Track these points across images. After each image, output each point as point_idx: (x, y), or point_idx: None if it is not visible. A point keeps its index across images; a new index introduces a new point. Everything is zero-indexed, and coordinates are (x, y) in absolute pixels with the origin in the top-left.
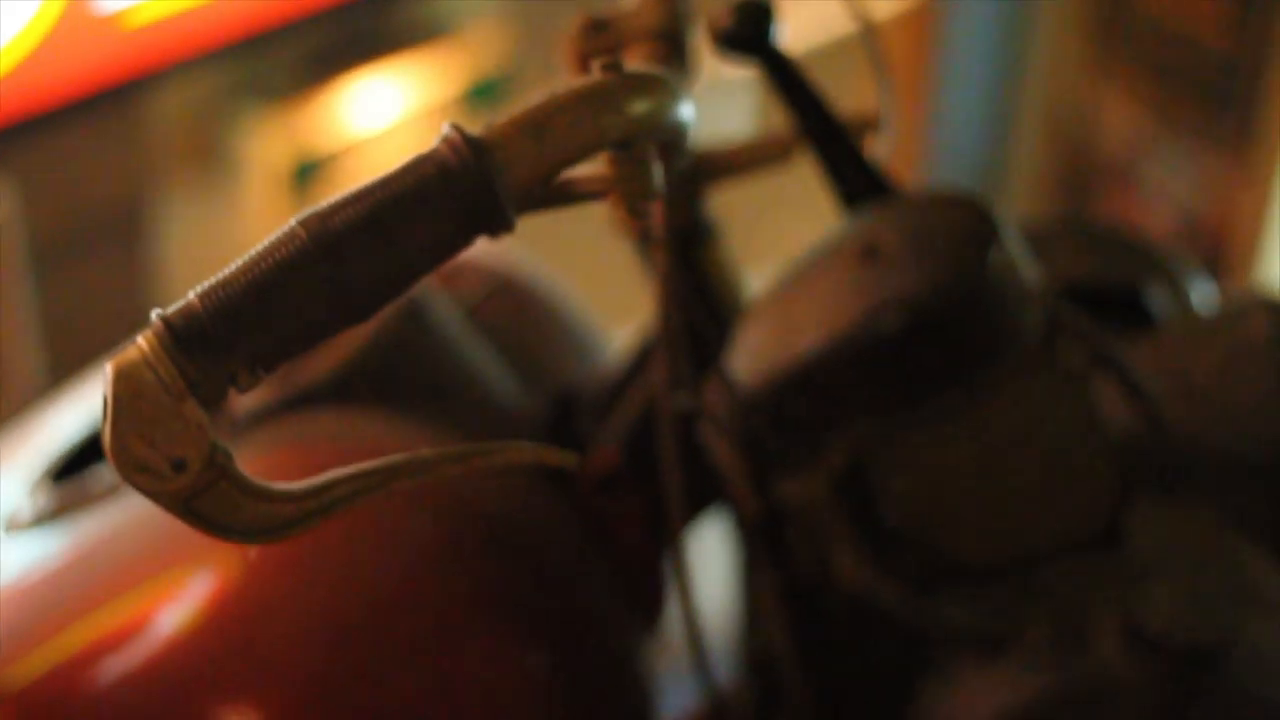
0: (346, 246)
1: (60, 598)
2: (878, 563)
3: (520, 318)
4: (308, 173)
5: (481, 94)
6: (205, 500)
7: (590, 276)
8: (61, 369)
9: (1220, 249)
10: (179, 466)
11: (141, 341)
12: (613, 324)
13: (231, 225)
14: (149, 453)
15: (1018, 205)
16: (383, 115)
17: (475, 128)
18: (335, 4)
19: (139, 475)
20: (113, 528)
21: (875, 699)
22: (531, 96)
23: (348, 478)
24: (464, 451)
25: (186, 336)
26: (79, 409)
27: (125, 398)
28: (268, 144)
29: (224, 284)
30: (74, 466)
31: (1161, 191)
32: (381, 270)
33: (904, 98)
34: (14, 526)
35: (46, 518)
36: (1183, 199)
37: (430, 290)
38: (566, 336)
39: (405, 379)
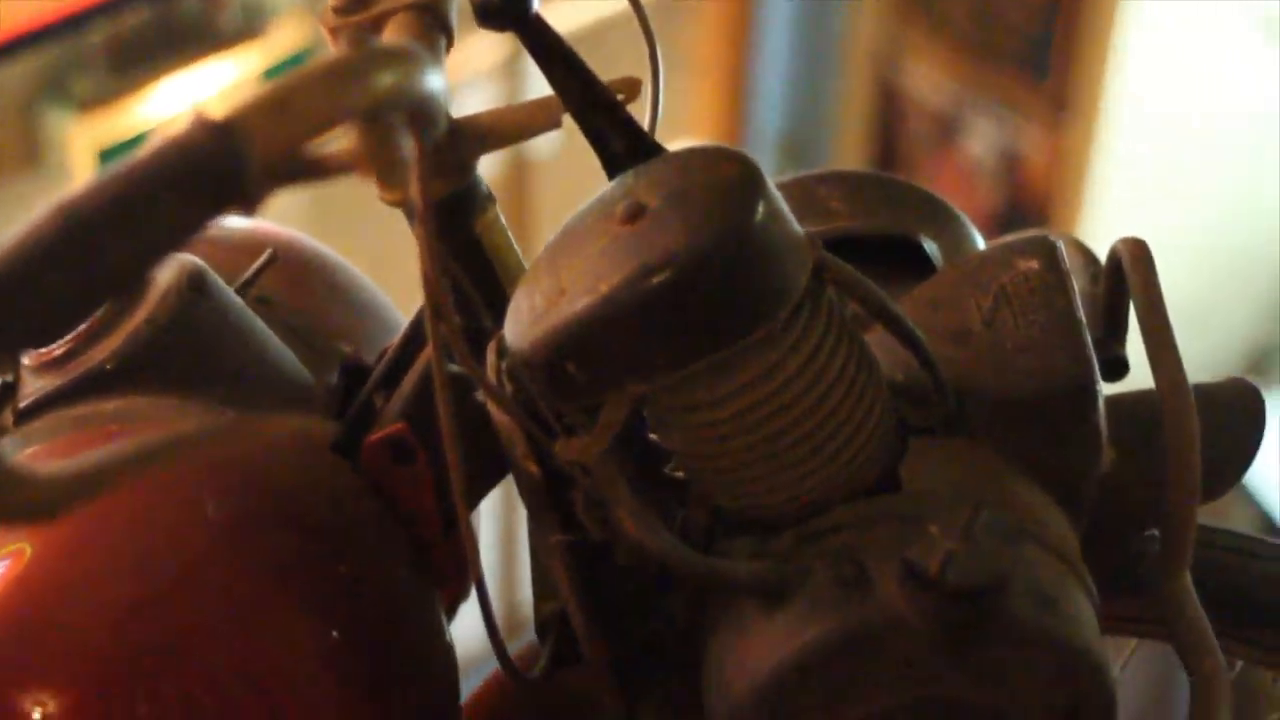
0: (94, 231)
1: None
2: (660, 520)
3: (300, 288)
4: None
5: (280, 73)
6: None
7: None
8: None
9: (1040, 215)
10: None
11: None
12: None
13: None
14: None
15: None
16: (187, 98)
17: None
18: None
19: None
20: None
21: (668, 653)
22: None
23: (109, 459)
24: (223, 427)
25: None
26: None
27: None
28: (78, 134)
29: None
30: None
31: (978, 158)
32: (130, 251)
33: (720, 66)
34: None
35: None
36: (1000, 165)
37: (206, 267)
38: (351, 305)
39: (189, 359)
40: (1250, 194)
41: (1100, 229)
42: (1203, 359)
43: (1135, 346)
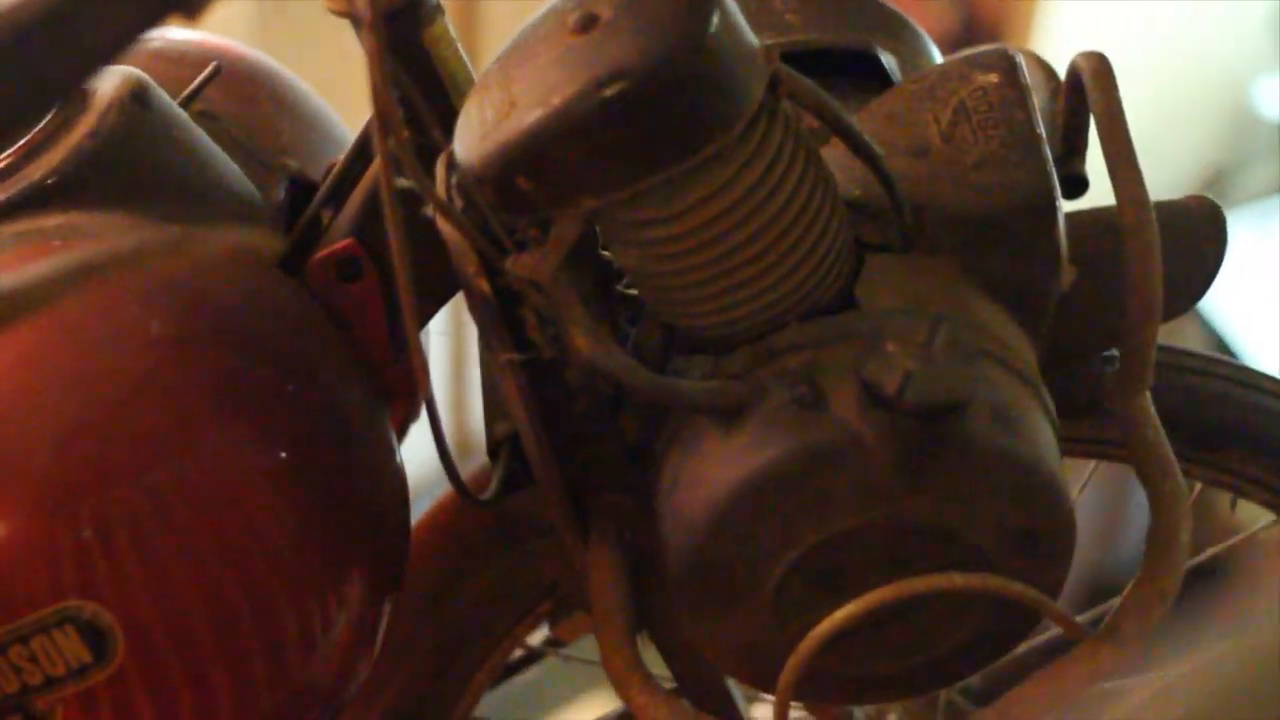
0: (31, 38)
1: None
2: (613, 339)
3: (245, 102)
4: None
5: None
6: None
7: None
8: None
9: (993, 37)
10: None
11: None
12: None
13: None
14: None
15: None
16: None
17: None
18: None
19: None
20: None
21: (619, 473)
22: None
23: (49, 274)
24: (167, 242)
25: None
26: None
27: None
28: None
29: None
30: None
31: None
32: (68, 59)
33: None
34: None
35: None
36: None
37: (150, 80)
38: (297, 119)
39: (132, 174)
40: (1205, 14)
41: (1054, 52)
42: (1157, 180)
43: (1094, 165)
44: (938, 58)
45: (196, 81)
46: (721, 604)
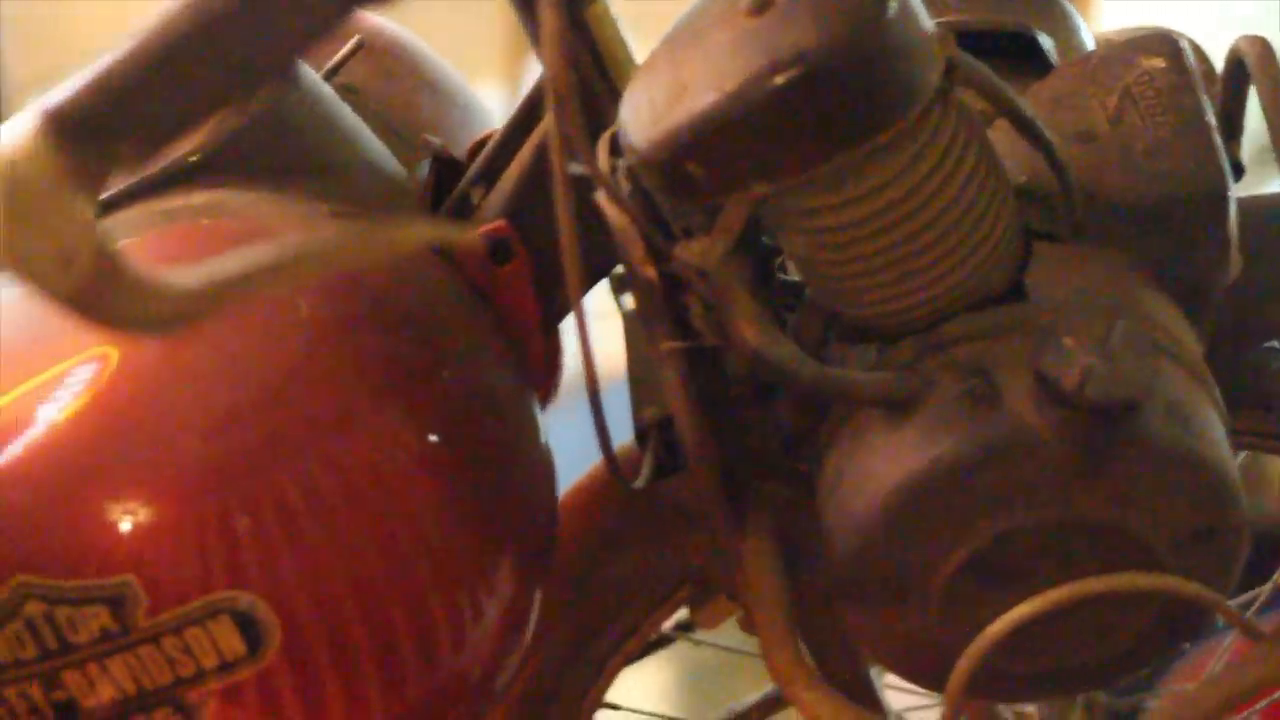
0: (228, 26)
1: None
2: (778, 327)
3: (387, 77)
4: None
5: None
6: (94, 294)
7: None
8: None
9: None
10: (68, 260)
11: (26, 133)
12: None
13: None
14: (36, 247)
15: None
16: None
17: None
18: None
19: (26, 269)
20: None
21: (775, 461)
22: None
23: (245, 271)
24: (364, 237)
25: (72, 126)
26: None
27: (10, 191)
28: None
29: (106, 70)
30: None
31: None
32: (264, 47)
33: None
34: None
35: None
36: None
37: None
38: (438, 95)
39: (278, 149)
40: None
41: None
42: None
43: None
44: (1088, 38)
45: (340, 54)
46: (887, 600)
